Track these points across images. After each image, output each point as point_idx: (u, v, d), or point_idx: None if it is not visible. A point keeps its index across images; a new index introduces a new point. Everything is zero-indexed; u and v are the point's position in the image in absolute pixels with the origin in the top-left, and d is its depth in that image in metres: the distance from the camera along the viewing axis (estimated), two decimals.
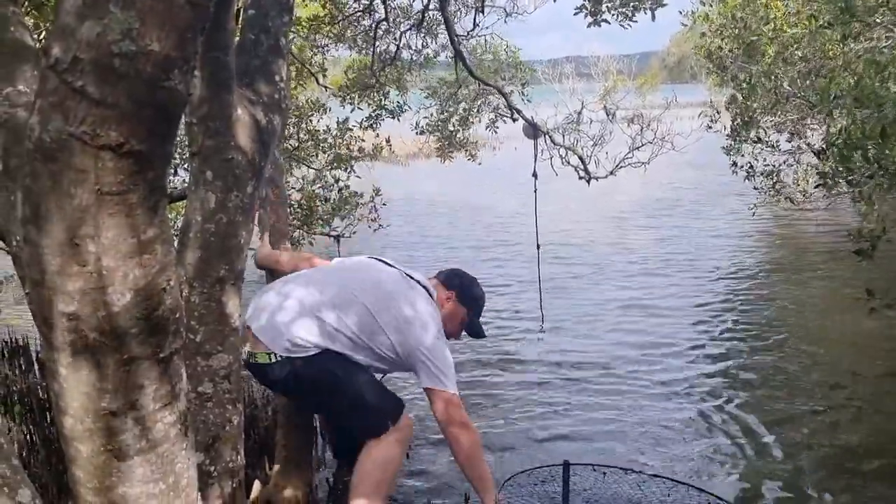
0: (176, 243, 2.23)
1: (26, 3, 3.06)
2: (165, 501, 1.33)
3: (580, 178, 6.01)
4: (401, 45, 6.51)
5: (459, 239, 8.72)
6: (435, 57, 6.81)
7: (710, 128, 7.33)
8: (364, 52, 6.62)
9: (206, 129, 2.12)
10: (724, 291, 6.10)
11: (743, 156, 7.09)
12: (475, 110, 6.85)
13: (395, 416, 2.34)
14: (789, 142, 7.64)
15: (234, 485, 2.21)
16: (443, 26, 5.46)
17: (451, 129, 6.98)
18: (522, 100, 6.80)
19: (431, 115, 7.02)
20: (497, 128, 6.69)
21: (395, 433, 2.32)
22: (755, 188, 7.52)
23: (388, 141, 6.59)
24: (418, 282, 2.53)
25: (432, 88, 6.98)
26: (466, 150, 7.21)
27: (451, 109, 6.92)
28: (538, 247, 4.79)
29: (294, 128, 6.06)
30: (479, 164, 7.55)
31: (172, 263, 1.26)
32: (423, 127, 7.04)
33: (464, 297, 2.61)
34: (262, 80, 2.36)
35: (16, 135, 1.71)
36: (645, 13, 4.14)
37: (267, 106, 2.34)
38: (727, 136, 6.86)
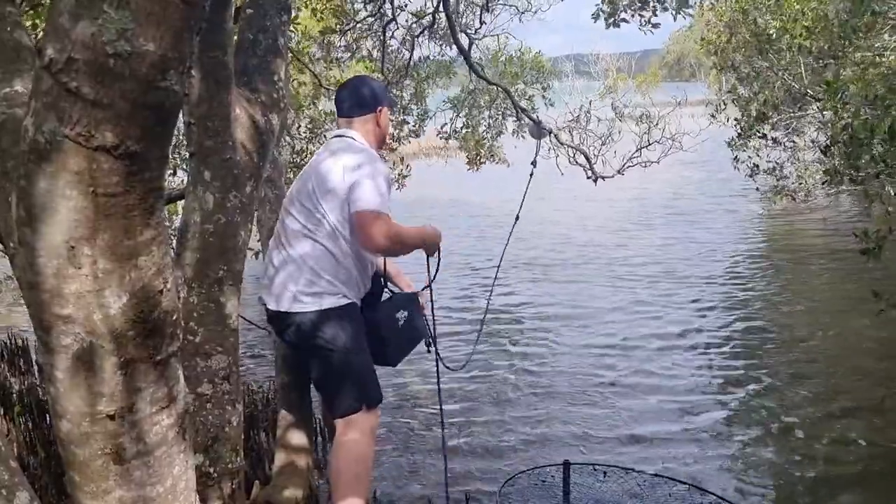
0: (174, 244, 2.23)
1: (23, 3, 3.05)
2: None
3: (588, 177, 6.00)
4: (413, 51, 6.48)
5: (461, 252, 8.25)
6: (451, 63, 6.86)
7: (714, 117, 7.23)
8: (376, 62, 6.56)
9: (205, 129, 2.11)
10: (726, 293, 6.08)
11: (746, 153, 7.05)
12: (501, 116, 6.91)
13: (370, 403, 2.35)
14: (790, 140, 7.60)
15: (234, 485, 2.21)
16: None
17: (481, 135, 7.08)
18: (545, 104, 6.87)
19: (452, 119, 7.08)
20: (524, 135, 6.54)
21: (366, 423, 2.32)
22: (757, 189, 7.49)
23: (402, 160, 6.73)
24: (339, 136, 2.48)
25: (455, 99, 7.05)
26: (496, 157, 7.33)
27: (477, 118, 7.02)
28: (517, 218, 4.78)
29: (309, 144, 6.07)
30: (509, 166, 7.54)
31: (170, 265, 1.25)
32: (447, 132, 7.08)
33: (378, 103, 2.53)
34: (261, 80, 2.35)
35: (14, 135, 1.70)
36: (667, 12, 4.08)
37: (265, 105, 2.33)
38: (734, 125, 6.78)
